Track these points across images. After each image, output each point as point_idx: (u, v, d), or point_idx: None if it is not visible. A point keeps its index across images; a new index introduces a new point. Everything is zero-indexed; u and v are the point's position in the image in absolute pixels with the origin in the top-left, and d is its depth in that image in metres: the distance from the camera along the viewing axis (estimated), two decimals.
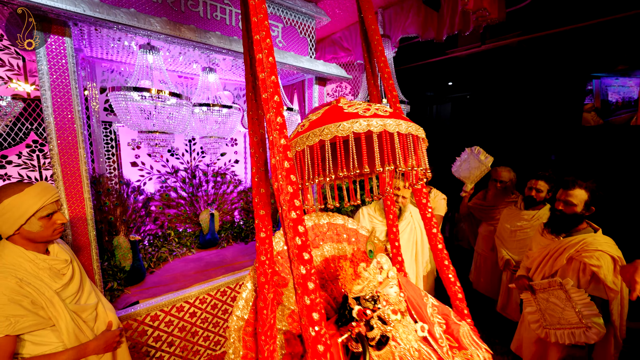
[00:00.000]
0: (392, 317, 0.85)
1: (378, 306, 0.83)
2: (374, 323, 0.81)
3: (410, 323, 0.92)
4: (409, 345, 0.84)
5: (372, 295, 0.85)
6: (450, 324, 0.97)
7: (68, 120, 1.76)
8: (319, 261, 1.04)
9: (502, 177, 2.58)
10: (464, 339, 0.93)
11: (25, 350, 1.06)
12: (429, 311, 0.97)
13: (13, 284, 0.99)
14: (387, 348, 0.81)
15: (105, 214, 2.39)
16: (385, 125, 0.73)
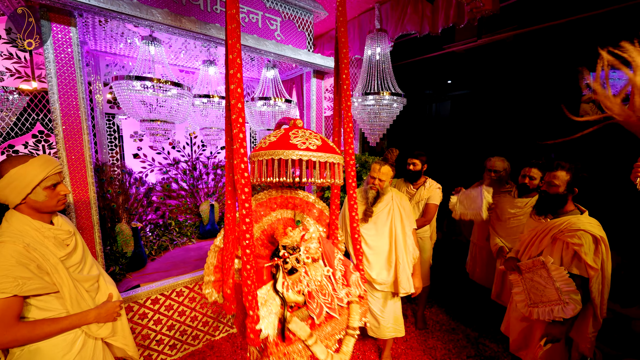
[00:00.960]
0: (305, 260, 1.29)
1: (296, 253, 1.28)
2: (288, 260, 1.26)
3: (321, 266, 1.36)
4: (315, 278, 1.30)
5: (293, 246, 1.29)
6: (347, 272, 1.42)
7: (73, 107, 1.83)
8: (270, 222, 1.43)
9: (497, 167, 2.61)
10: (352, 282, 1.41)
11: (30, 314, 1.12)
12: (335, 262, 1.40)
13: (21, 248, 1.05)
14: (296, 275, 1.27)
15: (108, 201, 2.45)
16: (311, 156, 1.16)
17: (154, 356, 2.19)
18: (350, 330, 1.35)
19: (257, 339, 1.11)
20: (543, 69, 3.63)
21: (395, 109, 3.22)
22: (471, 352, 2.37)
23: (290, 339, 1.16)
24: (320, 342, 1.21)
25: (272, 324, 1.14)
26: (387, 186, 2.03)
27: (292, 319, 1.18)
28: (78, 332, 1.21)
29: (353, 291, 1.38)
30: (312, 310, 1.23)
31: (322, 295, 1.29)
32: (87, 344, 1.23)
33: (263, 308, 1.16)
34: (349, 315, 1.37)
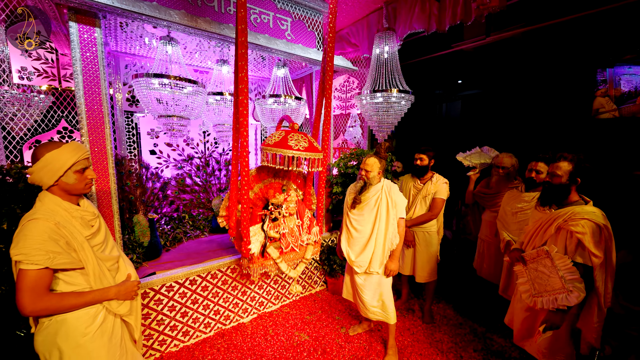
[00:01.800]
0: (284, 213, 2.13)
1: (279, 209, 2.12)
2: (274, 211, 2.10)
3: (294, 219, 2.18)
4: (289, 225, 2.14)
5: (278, 204, 2.11)
6: (311, 226, 2.27)
7: (97, 103, 1.95)
8: (267, 183, 2.27)
9: (504, 163, 2.62)
10: (312, 232, 2.25)
11: (58, 287, 1.21)
12: (305, 218, 2.23)
13: (52, 225, 1.15)
14: (277, 222, 2.12)
15: (127, 193, 2.58)
16: (300, 155, 1.87)
17: (168, 341, 2.28)
18: (304, 260, 2.28)
19: (247, 254, 2.01)
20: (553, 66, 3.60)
21: (403, 106, 3.26)
22: (478, 345, 2.38)
23: (267, 257, 2.08)
24: (284, 262, 2.15)
25: (257, 247, 2.05)
26: (373, 176, 2.11)
27: (269, 246, 2.09)
28: (100, 308, 1.30)
29: (312, 238, 2.26)
30: (282, 244, 2.13)
31: (291, 237, 2.15)
32: (107, 319, 1.33)
33: (252, 237, 2.05)
34: (305, 251, 2.26)
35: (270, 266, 2.09)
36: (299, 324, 2.63)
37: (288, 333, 2.50)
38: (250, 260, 2.03)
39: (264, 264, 2.06)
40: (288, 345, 2.36)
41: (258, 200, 2.20)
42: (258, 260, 2.03)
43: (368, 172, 2.11)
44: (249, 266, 2.05)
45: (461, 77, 5.65)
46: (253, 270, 2.06)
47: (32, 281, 1.09)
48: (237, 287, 2.61)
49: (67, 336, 1.20)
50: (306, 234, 2.19)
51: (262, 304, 2.79)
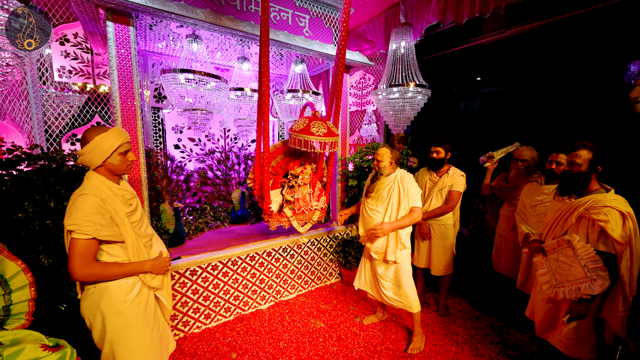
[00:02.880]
0: (300, 183, 2.55)
1: (296, 178, 2.53)
2: (291, 180, 2.55)
3: (308, 188, 2.60)
4: (303, 192, 2.59)
5: (295, 174, 2.53)
6: (320, 195, 2.70)
7: (129, 97, 2.10)
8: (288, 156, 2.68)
9: (524, 156, 2.58)
10: (320, 200, 2.68)
11: (102, 258, 1.35)
12: (316, 187, 2.65)
13: (99, 201, 1.28)
14: (293, 189, 2.56)
15: (154, 183, 2.74)
16: (320, 140, 2.27)
17: (191, 322, 2.41)
18: (311, 220, 2.70)
19: (268, 211, 2.49)
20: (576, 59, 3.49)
21: (420, 100, 3.27)
22: (495, 339, 2.36)
23: (283, 215, 2.56)
24: (296, 220, 2.60)
25: (276, 207, 2.51)
26: (384, 166, 2.16)
27: (285, 207, 2.54)
28: (136, 279, 1.42)
29: (319, 205, 2.69)
30: (295, 206, 2.58)
31: (303, 202, 2.60)
32: (142, 291, 1.45)
33: (273, 199, 2.51)
34: (313, 214, 2.69)
35: (284, 222, 2.56)
36: (314, 312, 2.70)
37: (304, 320, 2.58)
38: (270, 216, 2.51)
39: (280, 220, 2.55)
40: (304, 331, 2.43)
41: (279, 168, 2.63)
42: (276, 216, 2.52)
43: (379, 161, 2.17)
44: (269, 220, 2.52)
45: (480, 74, 5.55)
46: (271, 223, 2.54)
47: (82, 249, 1.22)
48: (255, 275, 2.71)
49: (109, 302, 1.32)
50: (315, 201, 2.64)
51: (278, 292, 2.88)
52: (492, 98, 5.75)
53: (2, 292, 1.28)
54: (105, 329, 1.34)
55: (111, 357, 1.37)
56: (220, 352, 2.18)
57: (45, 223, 1.49)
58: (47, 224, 1.51)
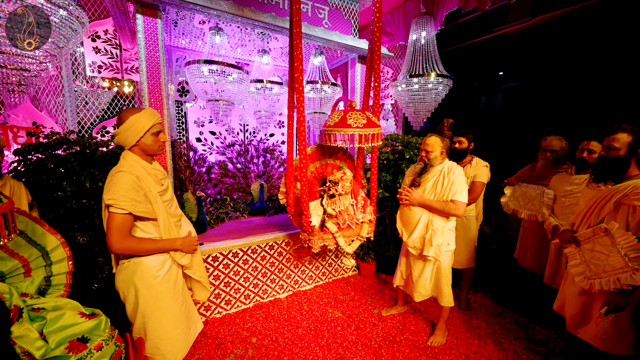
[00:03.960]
0: (341, 191, 2.10)
1: (336, 186, 2.10)
2: (331, 189, 2.11)
3: (349, 198, 2.18)
4: (344, 203, 2.14)
5: (335, 181, 2.10)
6: (365, 205, 2.26)
7: (157, 86, 2.18)
8: (322, 164, 2.42)
9: (553, 146, 2.47)
10: (367, 211, 2.24)
11: (136, 234, 1.42)
12: (359, 197, 2.23)
13: (134, 178, 1.35)
14: (334, 199, 2.14)
15: (177, 172, 2.83)
16: (359, 132, 1.89)
17: (213, 307, 2.47)
18: (359, 237, 2.23)
19: (308, 227, 2.09)
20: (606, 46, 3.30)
21: (441, 91, 3.21)
22: (519, 334, 2.28)
23: (326, 231, 2.13)
24: (342, 237, 2.14)
25: (317, 221, 2.10)
26: (435, 157, 2.04)
27: (328, 221, 2.12)
28: (167, 257, 1.49)
29: (366, 217, 2.23)
30: (339, 220, 2.14)
31: (346, 214, 2.16)
32: (172, 268, 1.51)
33: (312, 212, 2.11)
34: (361, 229, 2.22)
35: (329, 240, 2.11)
36: (332, 302, 2.71)
37: (322, 309, 2.59)
38: (311, 233, 2.09)
39: (324, 237, 2.10)
40: (322, 319, 2.44)
41: (314, 179, 2.35)
42: (318, 233, 2.09)
43: (429, 152, 2.03)
44: (310, 238, 2.10)
45: (503, 68, 5.36)
46: (314, 242, 2.10)
47: (119, 223, 1.29)
48: (274, 264, 2.74)
49: (142, 276, 1.40)
50: (360, 213, 2.19)
51: (297, 282, 2.91)
52: (515, 93, 5.55)
53: (44, 264, 1.36)
54: (137, 301, 1.41)
55: (142, 328, 1.44)
56: (240, 337, 2.23)
57: (81, 202, 1.58)
58: (83, 203, 1.60)
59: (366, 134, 1.88)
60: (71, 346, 1.09)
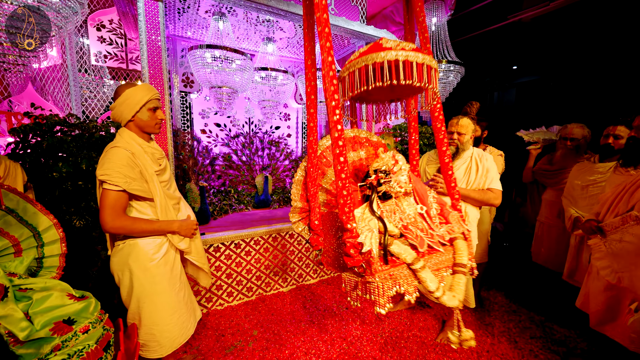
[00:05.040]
0: (397, 188, 1.22)
1: (389, 178, 1.21)
2: (382, 182, 1.21)
3: (413, 203, 1.28)
4: (408, 212, 1.24)
5: (385, 170, 1.23)
6: (444, 210, 1.33)
7: (158, 71, 2.14)
8: (354, 158, 1.50)
9: (574, 134, 2.32)
10: (451, 219, 1.30)
11: (131, 214, 1.37)
12: (429, 200, 1.33)
13: (129, 154, 1.31)
14: (390, 203, 1.23)
15: (180, 162, 2.79)
16: (407, 56, 1.02)
17: (214, 299, 2.41)
18: (459, 267, 1.20)
19: (358, 254, 1.04)
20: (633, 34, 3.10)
21: (452, 80, 3.08)
22: (536, 333, 2.14)
23: (394, 261, 1.07)
24: (429, 270, 1.10)
25: (373, 242, 1.06)
26: (467, 140, 1.89)
27: (393, 242, 1.09)
28: (164, 240, 1.43)
29: (456, 228, 1.26)
30: (411, 239, 1.14)
31: (417, 230, 1.19)
32: (169, 252, 1.45)
33: (360, 223, 1.14)
34: (455, 251, 1.23)
35: (403, 279, 1.08)
36: (337, 297, 2.62)
37: (326, 304, 2.50)
38: (368, 266, 1.05)
39: (395, 275, 1.07)
40: (326, 314, 2.35)
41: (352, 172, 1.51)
42: (381, 267, 1.05)
43: (461, 134, 1.84)
44: (369, 281, 1.05)
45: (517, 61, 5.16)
46: (376, 287, 1.04)
47: (113, 200, 1.25)
48: (277, 256, 2.67)
49: (137, 259, 1.34)
50: (441, 225, 1.27)
51: (300, 276, 2.83)
52: (529, 88, 5.34)
53: (36, 244, 1.32)
54: (132, 285, 1.36)
55: (137, 314, 1.38)
56: (242, 329, 2.16)
57: (77, 184, 1.54)
58: (79, 185, 1.56)
59: (418, 62, 1.02)
60: (56, 328, 1.04)
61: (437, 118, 1.34)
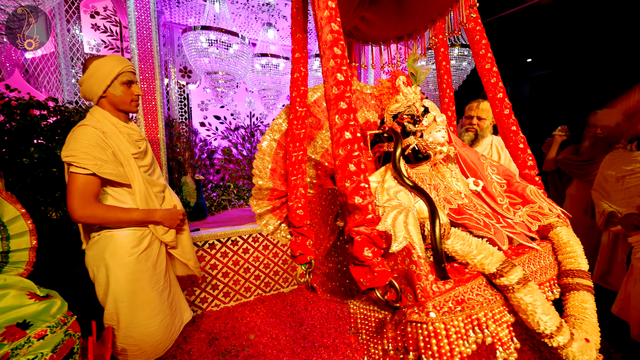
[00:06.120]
0: (437, 146, 0.75)
1: (418, 126, 0.76)
2: (410, 130, 0.74)
3: (460, 176, 0.85)
4: (456, 189, 0.79)
5: (414, 115, 0.76)
6: (514, 183, 0.85)
7: (148, 52, 2.00)
8: None
9: (606, 122, 2.10)
10: (531, 195, 0.80)
11: (107, 202, 1.23)
12: (487, 170, 0.87)
13: (99, 133, 1.16)
14: (426, 174, 0.77)
15: (176, 154, 2.65)
16: None
17: (209, 300, 2.26)
18: (576, 278, 0.70)
19: (380, 259, 0.54)
20: None
21: (465, 67, 2.87)
22: None
23: (461, 270, 0.60)
24: (536, 286, 0.60)
25: (414, 230, 0.56)
26: (487, 126, 1.74)
27: (450, 231, 0.64)
28: (146, 232, 1.28)
29: (545, 208, 0.77)
30: (478, 228, 0.66)
31: (483, 216, 0.73)
32: (153, 245, 1.30)
33: (380, 196, 0.64)
34: (559, 250, 0.74)
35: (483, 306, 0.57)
36: None
37: (329, 306, 2.32)
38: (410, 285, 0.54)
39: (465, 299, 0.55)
40: (329, 316, 2.17)
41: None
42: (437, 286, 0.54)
43: (481, 119, 1.70)
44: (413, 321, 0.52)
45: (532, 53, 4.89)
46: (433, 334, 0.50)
47: (81, 186, 1.10)
48: (277, 254, 2.50)
49: (114, 252, 1.19)
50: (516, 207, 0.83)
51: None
52: (544, 82, 5.06)
53: (0, 237, 1.17)
54: (108, 282, 1.21)
55: (115, 315, 1.22)
56: (237, 332, 2.00)
57: (51, 171, 1.40)
58: (53, 172, 1.41)
59: None
60: (7, 333, 0.88)
61: (484, 56, 0.92)
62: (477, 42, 0.96)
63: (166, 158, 2.10)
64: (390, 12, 0.95)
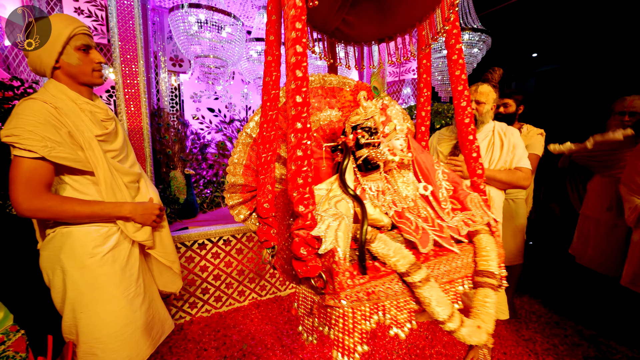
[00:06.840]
0: (388, 156, 0.80)
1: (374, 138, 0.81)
2: (364, 142, 0.79)
3: (413, 181, 0.91)
4: (405, 194, 0.86)
5: (370, 127, 0.82)
6: (459, 190, 0.93)
7: (130, 31, 1.81)
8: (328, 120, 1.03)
9: (636, 107, 1.91)
10: (470, 203, 0.89)
11: (65, 193, 1.03)
12: (437, 176, 0.94)
13: (51, 109, 0.95)
14: (379, 180, 0.85)
15: (164, 146, 2.45)
16: None
17: (200, 305, 2.07)
18: (485, 278, 0.79)
19: (314, 256, 0.64)
20: None
21: (476, 54, 2.68)
22: (590, 351, 1.73)
23: (378, 269, 0.69)
24: (436, 283, 0.71)
25: (342, 236, 0.65)
26: (487, 111, 1.58)
27: (376, 236, 0.71)
28: (113, 229, 1.09)
29: (477, 217, 0.85)
30: (409, 232, 0.76)
31: (420, 219, 0.81)
32: (121, 246, 1.10)
33: (321, 206, 0.71)
34: (478, 253, 0.82)
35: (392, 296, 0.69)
36: None
37: None
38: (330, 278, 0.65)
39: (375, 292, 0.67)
40: None
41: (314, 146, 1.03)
42: (352, 280, 0.66)
43: (481, 103, 1.55)
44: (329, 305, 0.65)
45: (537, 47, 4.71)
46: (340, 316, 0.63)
47: (27, 172, 0.91)
48: None
49: (72, 253, 1.00)
50: (455, 213, 0.89)
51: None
52: (550, 77, 4.90)
53: None
54: (65, 288, 1.01)
55: (74, 327, 1.03)
56: (229, 341, 1.80)
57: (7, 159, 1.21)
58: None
59: None
60: None
61: (456, 61, 0.91)
62: (452, 47, 0.93)
63: (151, 149, 1.90)
64: (371, 15, 0.96)
